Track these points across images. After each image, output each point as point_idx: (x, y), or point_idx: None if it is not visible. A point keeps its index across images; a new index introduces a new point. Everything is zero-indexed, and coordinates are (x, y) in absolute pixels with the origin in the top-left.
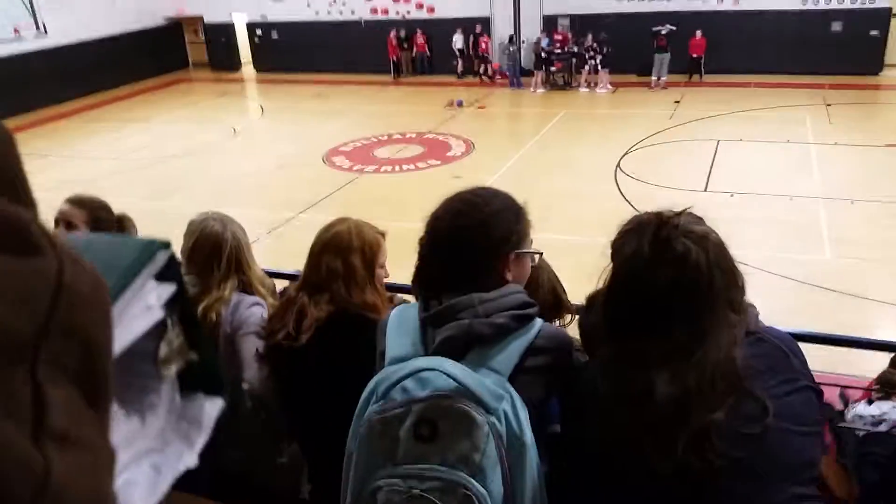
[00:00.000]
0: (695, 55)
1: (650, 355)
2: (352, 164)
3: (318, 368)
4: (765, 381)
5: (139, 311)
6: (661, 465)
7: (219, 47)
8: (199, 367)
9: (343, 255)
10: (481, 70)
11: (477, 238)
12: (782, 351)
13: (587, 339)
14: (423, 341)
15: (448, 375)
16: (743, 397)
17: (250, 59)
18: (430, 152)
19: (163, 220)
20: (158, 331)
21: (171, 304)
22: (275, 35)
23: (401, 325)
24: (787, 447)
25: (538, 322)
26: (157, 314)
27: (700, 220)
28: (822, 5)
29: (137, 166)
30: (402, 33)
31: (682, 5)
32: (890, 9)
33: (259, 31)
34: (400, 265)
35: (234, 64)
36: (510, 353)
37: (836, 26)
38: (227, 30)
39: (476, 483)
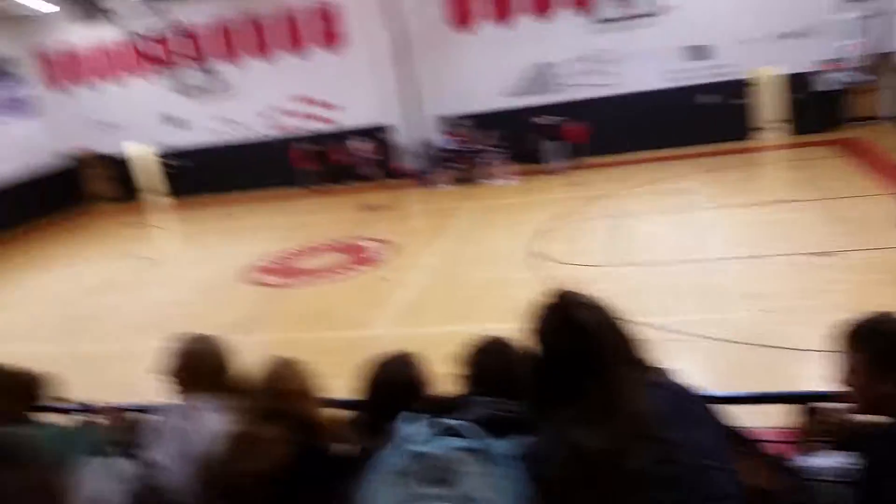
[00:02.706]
0: (575, 142)
1: (576, 417)
2: (275, 281)
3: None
4: (671, 424)
5: None
6: None
7: (121, 179)
8: None
9: (304, 396)
10: (377, 173)
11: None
12: (683, 396)
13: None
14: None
15: (463, 436)
16: (655, 443)
17: (156, 188)
18: (351, 258)
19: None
20: None
21: None
22: (183, 162)
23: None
24: (703, 483)
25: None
26: None
27: (589, 292)
28: (687, 82)
29: (52, 310)
30: (309, 145)
31: (567, 96)
32: (747, 80)
33: (169, 161)
34: (343, 375)
35: (138, 195)
36: (511, 445)
37: (704, 98)
38: (129, 162)
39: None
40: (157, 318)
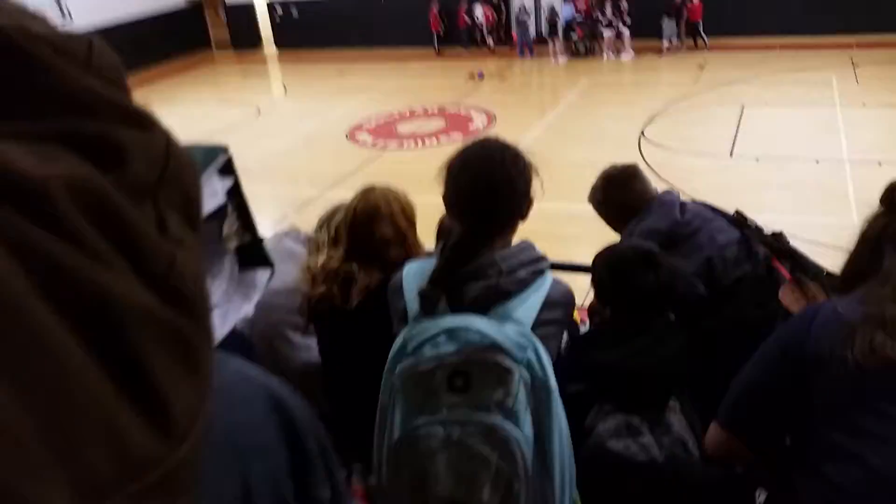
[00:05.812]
0: (692, 20)
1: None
2: (375, 141)
3: (365, 332)
4: None
5: (207, 195)
6: None
7: (240, 27)
8: (252, 247)
9: (392, 221)
10: (478, 38)
11: (505, 197)
12: None
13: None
14: (448, 298)
15: (478, 332)
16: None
17: (271, 38)
18: (452, 126)
19: None
20: (220, 214)
21: (230, 195)
22: (295, 13)
23: (419, 282)
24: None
25: (549, 276)
26: (220, 199)
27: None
28: None
29: None
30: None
31: None
32: None
33: (279, 10)
34: (427, 239)
35: (255, 43)
36: (530, 305)
37: None
38: (248, 10)
39: (511, 425)
40: (259, 167)
